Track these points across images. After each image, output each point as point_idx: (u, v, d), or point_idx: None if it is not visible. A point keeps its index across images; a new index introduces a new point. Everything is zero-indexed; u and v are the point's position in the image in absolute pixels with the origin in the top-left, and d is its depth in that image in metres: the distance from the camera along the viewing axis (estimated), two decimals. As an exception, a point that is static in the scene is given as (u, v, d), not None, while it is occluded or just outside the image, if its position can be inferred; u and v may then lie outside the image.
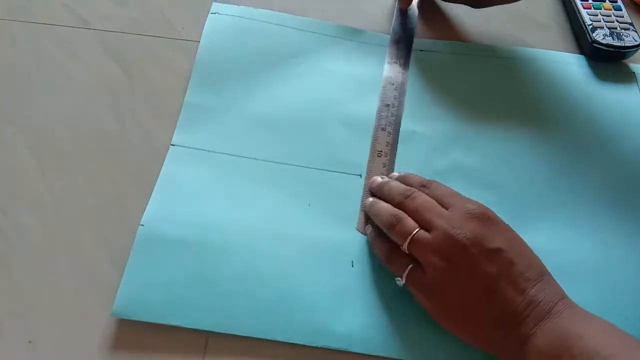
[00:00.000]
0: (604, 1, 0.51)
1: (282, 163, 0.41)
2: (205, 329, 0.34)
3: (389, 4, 0.52)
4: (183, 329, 0.34)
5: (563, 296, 0.31)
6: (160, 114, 0.43)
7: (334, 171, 0.41)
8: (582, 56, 0.50)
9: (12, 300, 0.34)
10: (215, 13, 0.49)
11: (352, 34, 0.49)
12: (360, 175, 0.41)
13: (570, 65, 0.49)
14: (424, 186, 0.37)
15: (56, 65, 0.45)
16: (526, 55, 0.49)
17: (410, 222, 0.34)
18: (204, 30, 0.48)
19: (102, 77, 0.45)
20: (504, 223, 0.34)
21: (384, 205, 0.37)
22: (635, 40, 0.48)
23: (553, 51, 0.50)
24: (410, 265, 0.33)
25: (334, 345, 0.34)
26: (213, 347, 0.34)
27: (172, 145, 0.41)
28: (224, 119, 0.43)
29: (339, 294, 0.36)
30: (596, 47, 0.48)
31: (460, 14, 0.52)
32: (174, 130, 0.42)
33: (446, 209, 0.34)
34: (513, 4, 0.54)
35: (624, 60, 0.50)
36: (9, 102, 0.43)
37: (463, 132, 0.44)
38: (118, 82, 0.45)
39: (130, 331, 0.34)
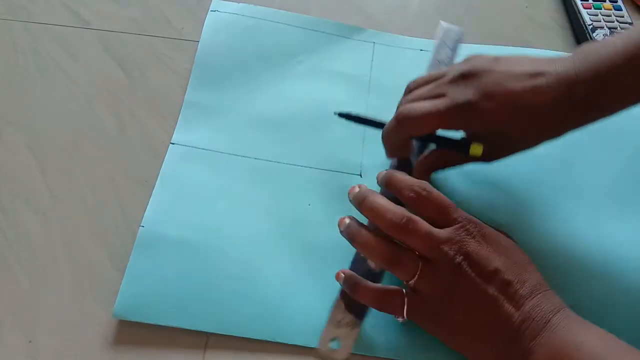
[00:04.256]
0: (604, 1, 0.51)
1: (282, 162, 0.41)
2: (205, 331, 0.34)
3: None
4: (183, 329, 0.34)
5: (560, 308, 0.30)
6: (160, 114, 0.43)
7: (334, 171, 0.41)
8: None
9: (12, 300, 0.34)
10: (215, 11, 0.49)
11: (352, 32, 0.49)
12: (360, 175, 0.41)
13: None
14: (417, 194, 0.34)
15: (56, 65, 0.45)
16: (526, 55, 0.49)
17: (410, 264, 0.32)
18: (203, 28, 0.48)
19: (102, 77, 0.45)
20: (501, 237, 0.33)
21: (373, 240, 0.33)
22: (636, 40, 0.48)
23: (553, 52, 0.50)
24: (406, 298, 0.33)
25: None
26: (213, 347, 0.34)
27: (171, 144, 0.41)
28: (223, 118, 0.43)
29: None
30: (596, 47, 0.48)
31: (459, 14, 0.52)
32: (174, 130, 0.42)
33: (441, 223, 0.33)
34: (513, 4, 0.54)
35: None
36: (9, 102, 0.43)
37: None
38: (118, 82, 0.45)
39: (130, 331, 0.34)
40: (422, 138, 0.38)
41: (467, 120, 0.34)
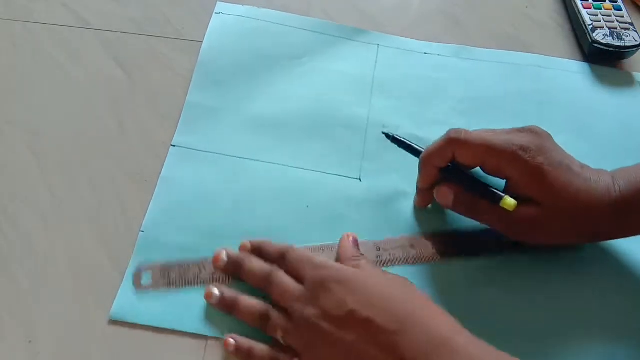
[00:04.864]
0: (604, 1, 0.51)
1: (283, 165, 0.41)
2: (205, 334, 0.34)
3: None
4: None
5: (439, 339, 0.28)
6: (160, 114, 0.43)
7: (334, 174, 0.41)
8: (585, 64, 0.49)
9: (12, 300, 0.34)
10: (219, 13, 0.49)
11: (356, 34, 0.49)
12: (359, 179, 0.41)
13: (572, 74, 0.48)
14: (281, 255, 0.34)
15: (56, 65, 0.45)
16: (528, 61, 0.49)
17: (276, 318, 0.32)
18: (207, 31, 0.48)
19: (102, 77, 0.45)
20: (358, 273, 0.31)
21: (245, 303, 0.33)
22: (635, 40, 0.48)
23: (555, 58, 0.49)
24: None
25: None
26: (212, 349, 0.33)
27: (172, 146, 0.41)
28: (225, 120, 0.43)
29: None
30: (596, 47, 0.48)
31: (458, 14, 0.52)
32: (173, 129, 0.42)
33: (301, 281, 0.32)
34: (513, 4, 0.54)
35: (626, 69, 0.49)
36: (9, 102, 0.43)
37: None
38: (118, 82, 0.45)
39: (130, 331, 0.34)
40: (456, 174, 0.36)
41: (512, 164, 0.34)
